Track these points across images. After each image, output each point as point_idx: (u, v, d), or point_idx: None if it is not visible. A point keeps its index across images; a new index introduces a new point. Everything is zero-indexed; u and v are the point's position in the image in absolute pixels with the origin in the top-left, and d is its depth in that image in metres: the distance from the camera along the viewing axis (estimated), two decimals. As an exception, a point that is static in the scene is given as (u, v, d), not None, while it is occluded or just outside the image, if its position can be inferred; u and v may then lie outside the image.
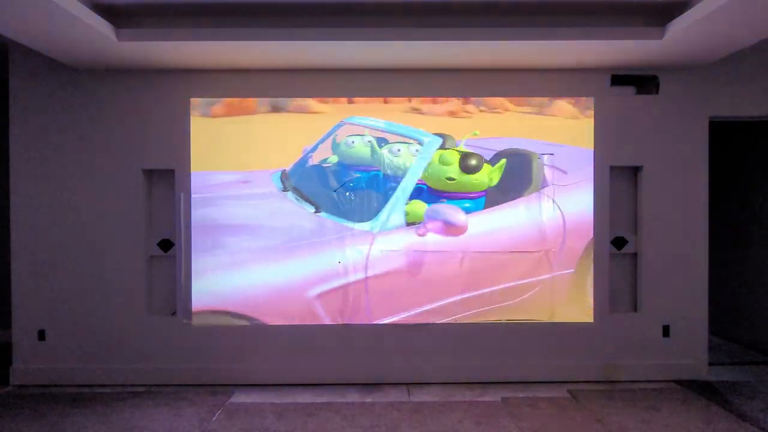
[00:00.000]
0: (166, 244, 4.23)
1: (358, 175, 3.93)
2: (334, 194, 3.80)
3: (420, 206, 3.82)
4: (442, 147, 3.93)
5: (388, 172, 3.83)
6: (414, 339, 4.20)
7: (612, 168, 4.24)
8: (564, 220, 3.98)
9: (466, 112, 4.02)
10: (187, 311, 4.15)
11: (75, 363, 4.16)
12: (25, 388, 4.10)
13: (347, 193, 3.90)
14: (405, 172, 3.93)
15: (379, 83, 4.18)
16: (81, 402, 3.80)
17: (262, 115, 4.14)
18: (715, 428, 3.33)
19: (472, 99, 4.10)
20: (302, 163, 4.03)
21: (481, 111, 4.01)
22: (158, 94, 4.16)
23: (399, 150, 3.86)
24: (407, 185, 3.86)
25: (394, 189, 3.90)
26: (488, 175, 3.84)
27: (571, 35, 3.55)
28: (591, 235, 4.09)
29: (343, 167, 3.99)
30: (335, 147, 4.04)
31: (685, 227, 4.23)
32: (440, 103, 4.07)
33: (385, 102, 4.10)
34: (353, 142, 3.92)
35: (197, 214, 4.09)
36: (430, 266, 4.05)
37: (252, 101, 4.09)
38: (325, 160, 4.01)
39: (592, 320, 4.22)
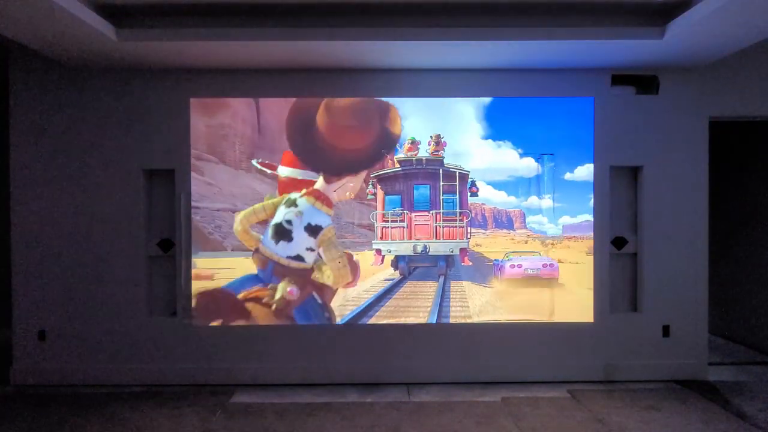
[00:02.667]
0: (166, 244, 4.23)
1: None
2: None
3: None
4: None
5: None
6: (414, 339, 4.21)
7: (612, 168, 4.24)
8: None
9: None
10: (187, 311, 4.15)
11: (75, 363, 4.16)
12: (25, 388, 4.10)
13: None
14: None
15: (378, 83, 4.19)
16: (81, 402, 3.80)
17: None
18: (715, 428, 3.33)
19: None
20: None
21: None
22: (158, 94, 4.16)
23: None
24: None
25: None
26: None
27: (571, 35, 3.55)
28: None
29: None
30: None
31: (685, 227, 4.23)
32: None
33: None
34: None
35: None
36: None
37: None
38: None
39: (592, 320, 4.22)
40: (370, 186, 4.23)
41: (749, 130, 5.02)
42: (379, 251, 4.22)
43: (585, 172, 4.23)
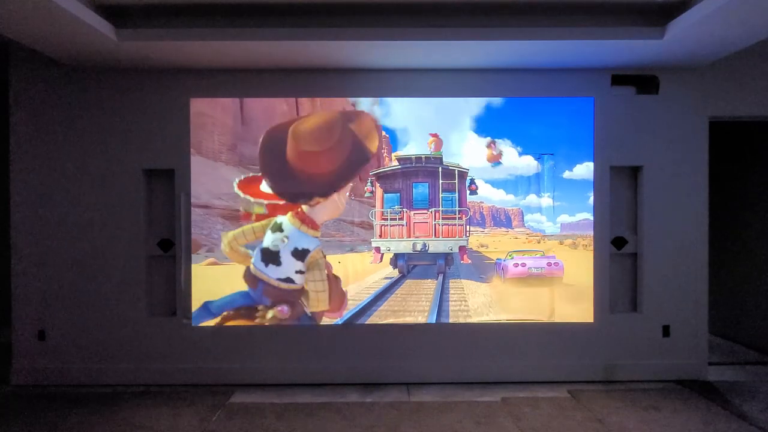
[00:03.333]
0: (166, 244, 4.23)
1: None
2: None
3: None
4: None
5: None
6: (414, 339, 4.21)
7: (612, 168, 4.24)
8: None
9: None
10: (187, 311, 4.15)
11: (75, 363, 4.16)
12: (25, 388, 4.10)
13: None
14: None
15: (378, 83, 4.19)
16: (81, 402, 3.80)
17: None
18: (715, 428, 3.33)
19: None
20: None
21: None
22: (158, 94, 4.16)
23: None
24: None
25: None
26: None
27: (571, 35, 3.55)
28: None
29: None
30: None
31: (685, 227, 4.23)
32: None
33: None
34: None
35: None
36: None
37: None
38: None
39: (592, 320, 4.22)
40: (369, 184, 4.23)
41: (749, 130, 5.02)
42: (378, 249, 4.22)
43: (584, 170, 4.22)
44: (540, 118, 4.21)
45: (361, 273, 4.21)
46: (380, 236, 4.23)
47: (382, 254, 4.22)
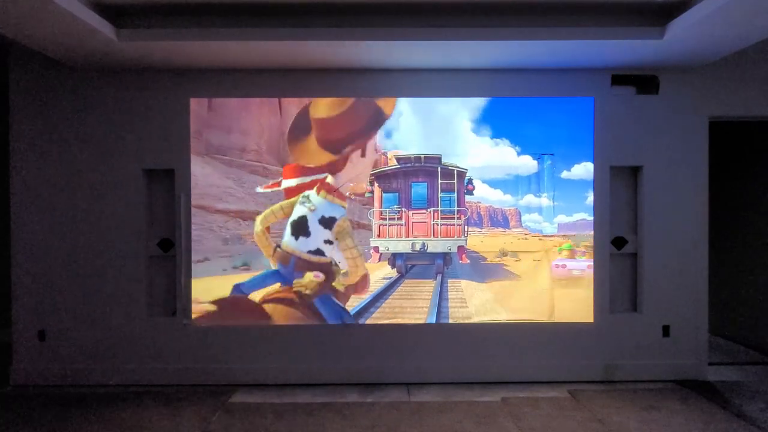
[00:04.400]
0: (166, 244, 4.23)
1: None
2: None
3: None
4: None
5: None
6: (414, 339, 4.21)
7: (612, 168, 4.24)
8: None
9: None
10: (187, 311, 4.15)
11: (75, 363, 4.16)
12: (25, 388, 4.10)
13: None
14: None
15: (377, 83, 4.19)
16: (81, 402, 3.80)
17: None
18: (715, 428, 3.33)
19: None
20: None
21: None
22: (158, 94, 4.16)
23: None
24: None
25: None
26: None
27: (571, 35, 3.55)
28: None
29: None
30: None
31: (685, 227, 4.23)
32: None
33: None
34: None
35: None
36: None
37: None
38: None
39: (592, 320, 4.22)
40: (368, 183, 4.24)
41: (749, 130, 5.02)
42: (377, 249, 4.23)
43: (582, 170, 4.22)
44: (539, 118, 4.21)
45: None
46: (379, 236, 4.24)
47: (381, 254, 4.23)
